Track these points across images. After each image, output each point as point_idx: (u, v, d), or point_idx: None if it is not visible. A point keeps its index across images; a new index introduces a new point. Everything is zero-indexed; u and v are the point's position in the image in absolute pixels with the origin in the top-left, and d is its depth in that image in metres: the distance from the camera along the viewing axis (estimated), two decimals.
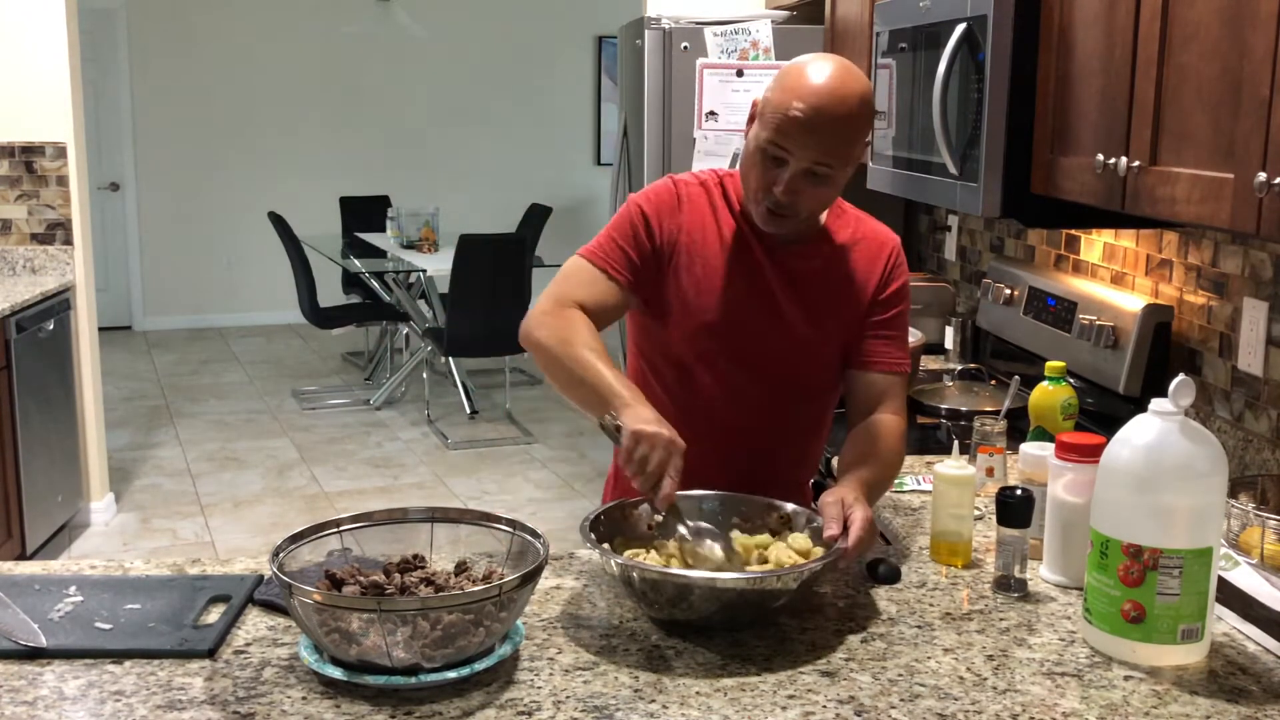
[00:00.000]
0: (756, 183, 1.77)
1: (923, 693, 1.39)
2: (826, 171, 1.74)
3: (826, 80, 1.70)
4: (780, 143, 1.72)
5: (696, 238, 1.87)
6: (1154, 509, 1.45)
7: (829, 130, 1.70)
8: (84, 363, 4.80)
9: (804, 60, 1.75)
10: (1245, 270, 2.23)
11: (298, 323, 8.29)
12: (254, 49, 8.92)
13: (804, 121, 1.69)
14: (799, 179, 1.73)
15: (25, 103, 4.65)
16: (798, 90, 1.70)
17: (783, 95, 1.71)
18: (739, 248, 1.87)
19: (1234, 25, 1.65)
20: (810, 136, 1.70)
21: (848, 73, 1.73)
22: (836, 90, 1.70)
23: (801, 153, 1.71)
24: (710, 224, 1.88)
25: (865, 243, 1.93)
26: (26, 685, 1.40)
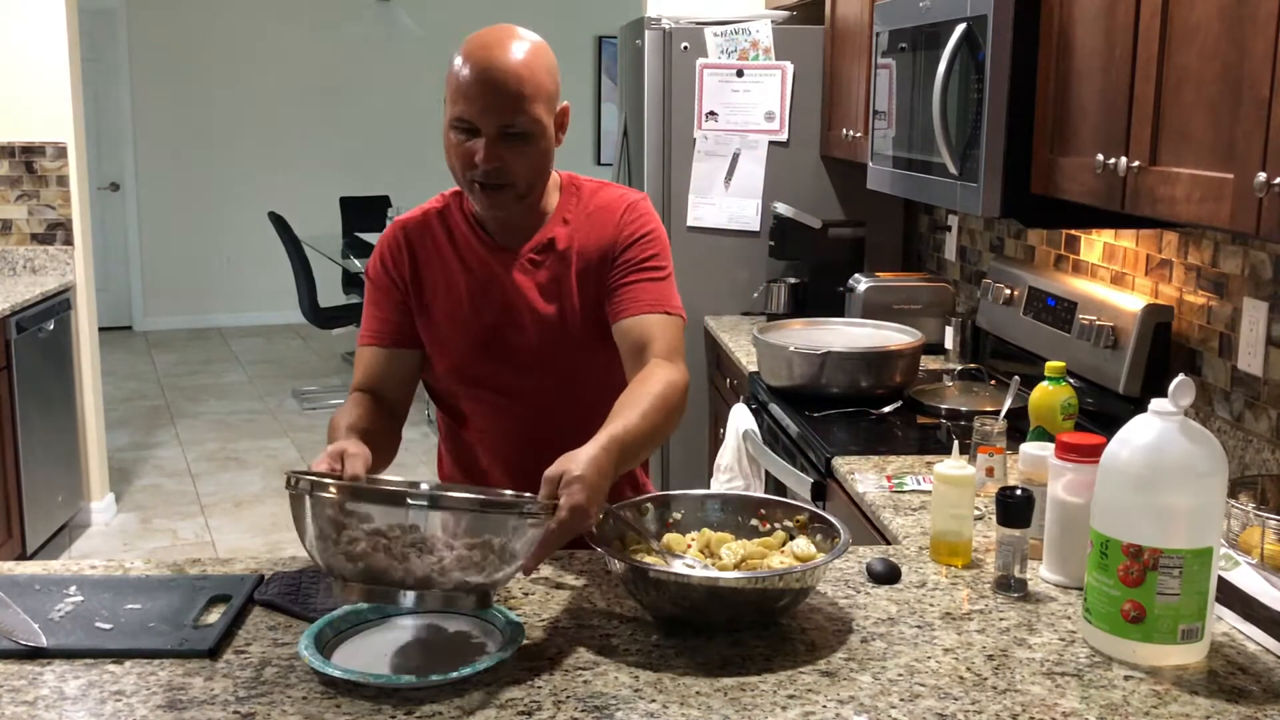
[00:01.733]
0: (460, 162, 1.74)
1: (923, 693, 1.40)
2: (520, 130, 1.71)
3: (488, 40, 1.72)
4: (463, 115, 1.70)
5: (431, 271, 1.87)
6: (1154, 509, 1.45)
7: (503, 87, 1.68)
8: (84, 363, 4.80)
9: (474, 34, 1.75)
10: (1245, 270, 2.23)
11: (298, 323, 8.29)
12: (254, 49, 8.93)
13: (476, 84, 1.69)
14: (496, 144, 1.70)
15: (25, 103, 4.65)
16: (466, 59, 1.70)
17: (455, 69, 1.71)
18: (476, 263, 1.86)
19: (1234, 25, 1.65)
20: (488, 98, 1.68)
21: (511, 32, 1.75)
22: (500, 46, 1.71)
23: (485, 117, 1.69)
24: (440, 252, 1.87)
25: (596, 214, 1.87)
26: (27, 685, 1.40)
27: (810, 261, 3.83)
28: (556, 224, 1.86)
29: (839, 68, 3.74)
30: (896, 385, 2.81)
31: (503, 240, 1.86)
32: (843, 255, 3.81)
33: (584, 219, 1.87)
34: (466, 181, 1.76)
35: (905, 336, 2.96)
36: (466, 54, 1.72)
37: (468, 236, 1.87)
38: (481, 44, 1.72)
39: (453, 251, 1.87)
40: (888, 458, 2.39)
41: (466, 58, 1.71)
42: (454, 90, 1.72)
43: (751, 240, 4.02)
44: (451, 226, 1.88)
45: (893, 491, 2.18)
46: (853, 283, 3.48)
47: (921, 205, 3.96)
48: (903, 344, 2.88)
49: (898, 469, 2.32)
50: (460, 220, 1.88)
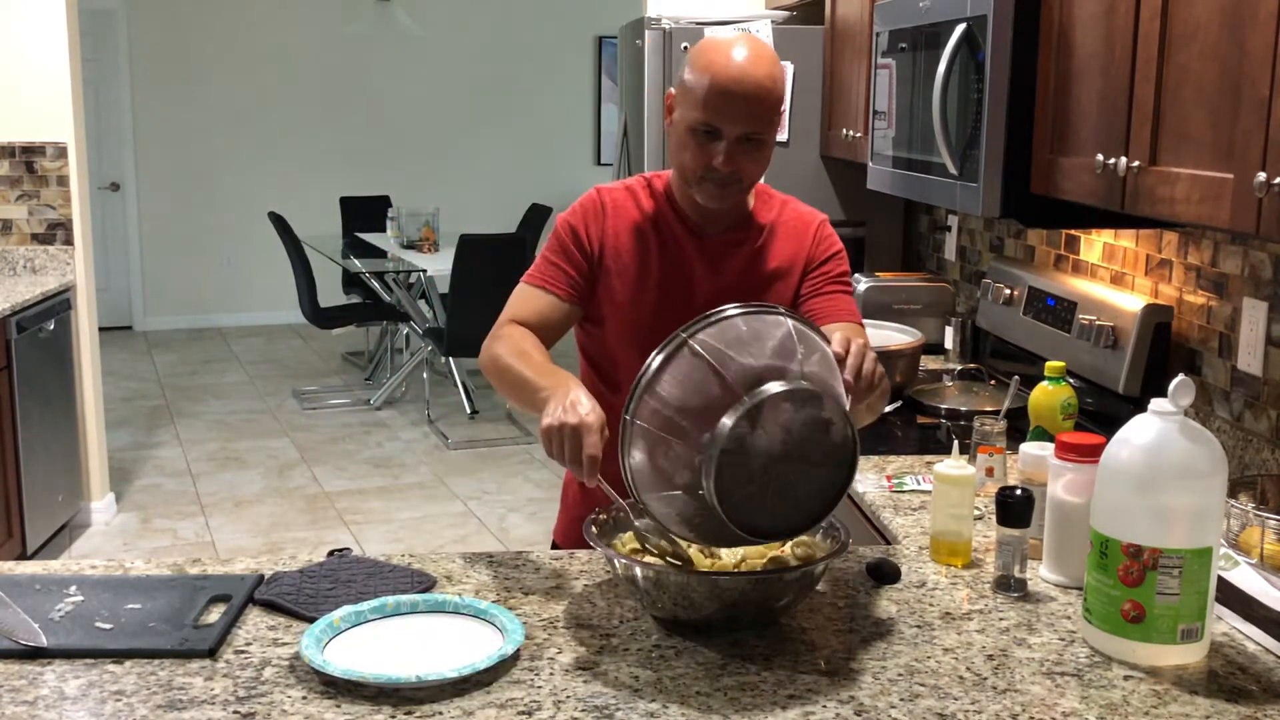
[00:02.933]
0: (694, 162, 1.84)
1: (923, 693, 1.40)
2: (759, 137, 1.83)
3: (738, 50, 1.81)
4: (710, 120, 1.80)
5: (624, 241, 1.95)
6: (1154, 509, 1.45)
7: (754, 96, 1.79)
8: (84, 363, 4.80)
9: (712, 40, 1.85)
10: (1245, 270, 2.23)
11: (298, 323, 8.30)
12: (254, 49, 8.93)
13: (728, 91, 1.79)
14: (735, 147, 1.82)
15: (25, 103, 4.65)
16: (718, 66, 1.80)
17: (703, 74, 1.80)
18: (667, 245, 1.95)
19: (1233, 25, 1.65)
20: (739, 105, 1.79)
21: (755, 41, 1.85)
22: (753, 57, 1.81)
23: (733, 123, 1.80)
24: (636, 226, 1.96)
25: (789, 223, 2.00)
26: (27, 685, 1.40)
27: None
28: (752, 223, 1.98)
29: (839, 68, 3.74)
30: (896, 385, 2.81)
31: (701, 227, 1.96)
32: None
33: (778, 224, 1.99)
34: (698, 178, 1.86)
35: (905, 336, 2.96)
36: (715, 63, 1.80)
37: (668, 218, 1.97)
38: (730, 55, 1.81)
39: (650, 227, 1.96)
40: (888, 457, 2.40)
41: (710, 67, 1.80)
42: (701, 96, 1.80)
43: None
44: (650, 206, 1.98)
45: (893, 491, 2.18)
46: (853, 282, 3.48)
47: (921, 205, 3.96)
48: (903, 344, 2.88)
49: (898, 469, 2.32)
50: (662, 202, 1.98)
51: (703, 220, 1.95)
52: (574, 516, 2.08)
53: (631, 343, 1.93)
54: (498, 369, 1.86)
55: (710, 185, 1.86)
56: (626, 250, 1.95)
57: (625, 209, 1.97)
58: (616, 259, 1.95)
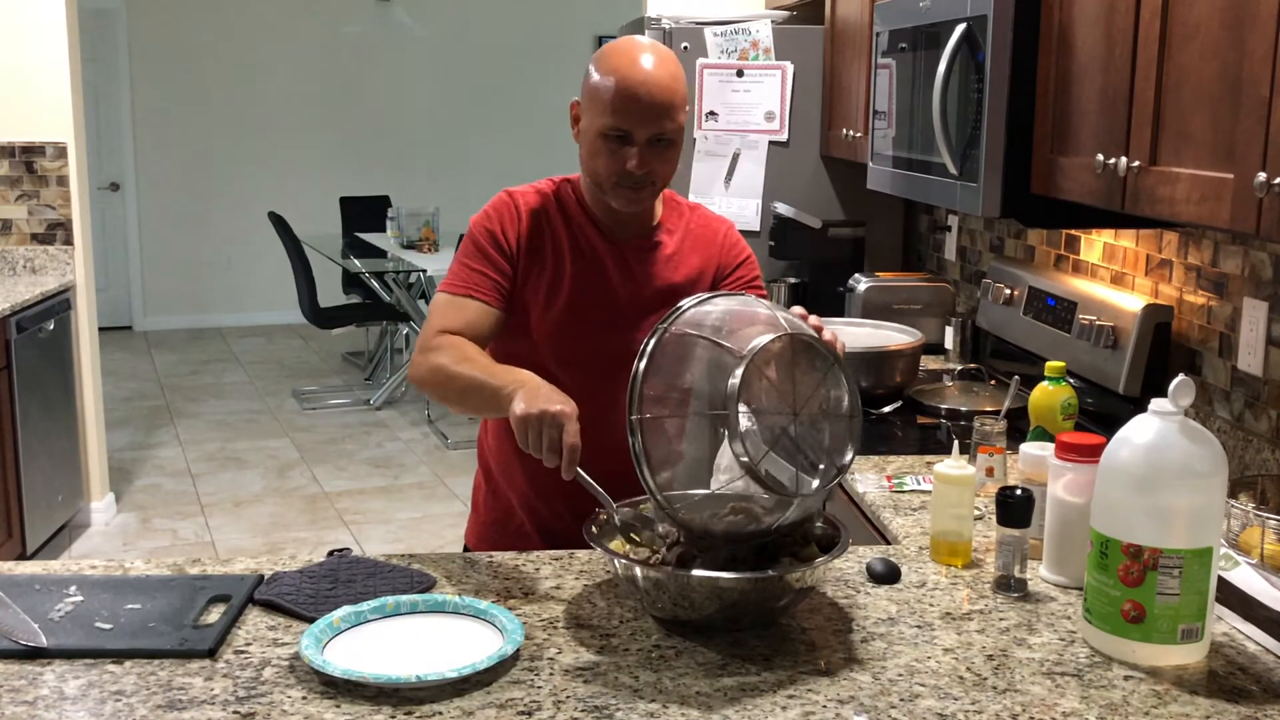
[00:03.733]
0: (607, 168, 1.86)
1: (923, 693, 1.40)
2: (668, 137, 1.85)
3: (644, 54, 1.84)
4: (620, 124, 1.82)
5: (538, 244, 1.95)
6: (1154, 509, 1.45)
7: (661, 98, 1.82)
8: (84, 363, 4.80)
9: (612, 46, 1.88)
10: (1245, 270, 2.23)
11: (298, 323, 8.29)
12: (254, 49, 8.93)
13: (637, 96, 1.81)
14: (646, 150, 1.84)
15: (25, 103, 4.65)
16: (623, 70, 1.83)
17: (608, 78, 1.83)
18: (581, 248, 1.96)
19: (1233, 25, 1.65)
20: (647, 107, 1.81)
21: (657, 45, 1.88)
22: (656, 60, 1.84)
23: (642, 126, 1.82)
24: (550, 229, 1.96)
25: (698, 230, 2.02)
26: (27, 685, 1.40)
27: (810, 261, 3.83)
28: (662, 229, 2.00)
29: (839, 68, 3.74)
30: (896, 385, 2.81)
31: (613, 233, 1.96)
32: (843, 255, 3.81)
33: (687, 231, 2.01)
34: (611, 183, 1.87)
35: (905, 336, 2.96)
36: (616, 68, 1.84)
37: (580, 221, 1.97)
38: (631, 59, 1.83)
39: (566, 232, 1.96)
40: (888, 458, 2.39)
41: (614, 71, 1.83)
42: (607, 102, 1.83)
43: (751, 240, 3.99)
44: (564, 209, 1.98)
45: (893, 491, 2.18)
46: (853, 283, 3.48)
47: (921, 205, 3.96)
48: (903, 344, 2.88)
49: (898, 469, 2.32)
50: (573, 205, 1.98)
51: (614, 225, 1.96)
52: (485, 520, 2.09)
53: (547, 346, 1.94)
54: (444, 377, 1.80)
55: (625, 190, 1.87)
56: (540, 253, 1.94)
57: (538, 212, 1.96)
58: (531, 262, 1.94)
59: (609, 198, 1.90)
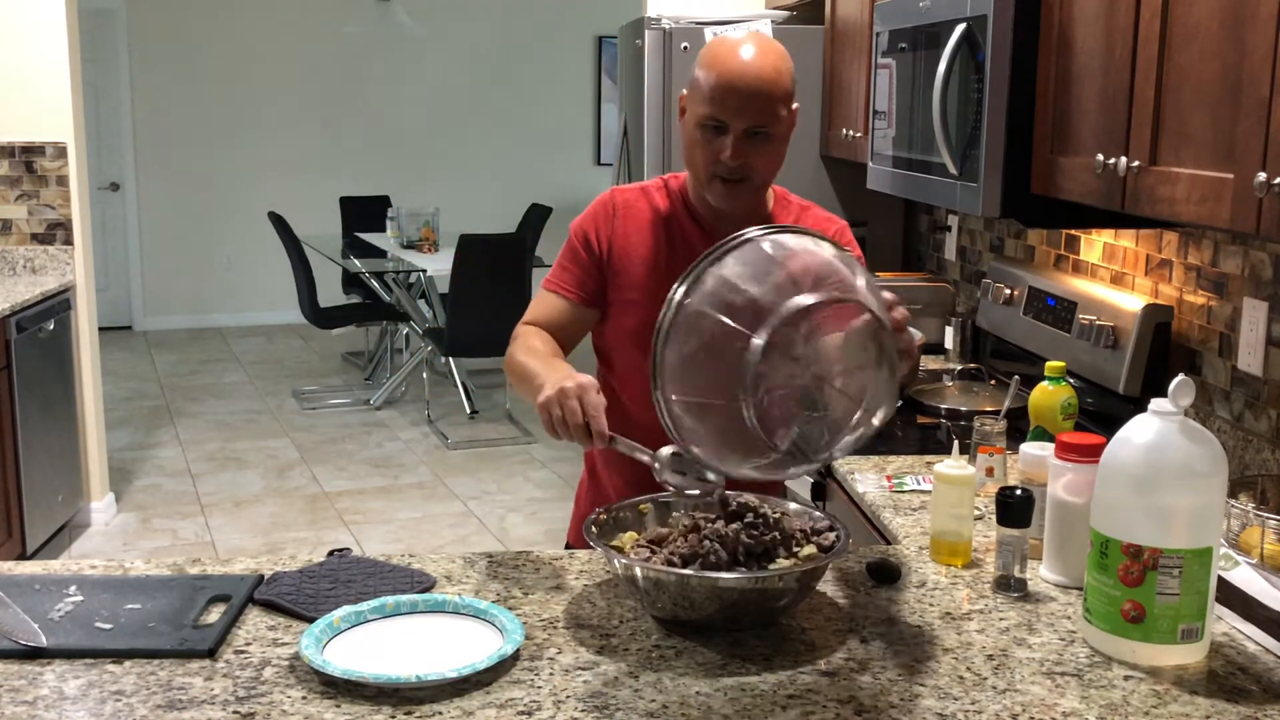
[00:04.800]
0: (703, 159, 1.86)
1: (923, 693, 1.40)
2: (765, 131, 1.84)
3: (745, 45, 1.83)
4: (716, 114, 1.82)
5: (634, 241, 1.96)
6: (1154, 509, 1.45)
7: (758, 89, 1.81)
8: (84, 363, 4.80)
9: (719, 39, 1.87)
10: (1245, 270, 2.23)
11: (298, 323, 8.29)
12: (254, 49, 8.92)
13: (734, 86, 1.81)
14: (742, 141, 1.83)
15: (25, 103, 4.65)
16: (722, 61, 1.83)
17: (709, 70, 1.83)
18: (677, 244, 1.96)
19: (1234, 25, 1.65)
20: (743, 99, 1.81)
21: (763, 38, 1.87)
22: (758, 51, 1.83)
23: (738, 116, 1.82)
24: (648, 226, 1.97)
25: (811, 221, 1.98)
26: (27, 685, 1.40)
27: None
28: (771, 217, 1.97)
29: (839, 68, 3.74)
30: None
31: (714, 228, 1.93)
32: None
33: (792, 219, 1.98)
34: (708, 175, 1.87)
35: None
36: (719, 56, 1.83)
37: (682, 220, 1.98)
38: (735, 49, 1.83)
39: (662, 228, 1.97)
40: (888, 458, 2.39)
41: (720, 60, 1.83)
42: (707, 90, 1.83)
43: None
44: (664, 206, 1.99)
45: (893, 491, 2.18)
46: None
47: (921, 205, 3.96)
48: None
49: (898, 469, 2.32)
50: (678, 204, 1.99)
51: (716, 221, 1.95)
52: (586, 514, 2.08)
53: (638, 341, 1.93)
54: (510, 365, 1.92)
55: (719, 184, 1.87)
56: (636, 250, 1.96)
57: (637, 209, 1.98)
58: (626, 258, 1.96)
59: (706, 192, 1.90)
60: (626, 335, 1.98)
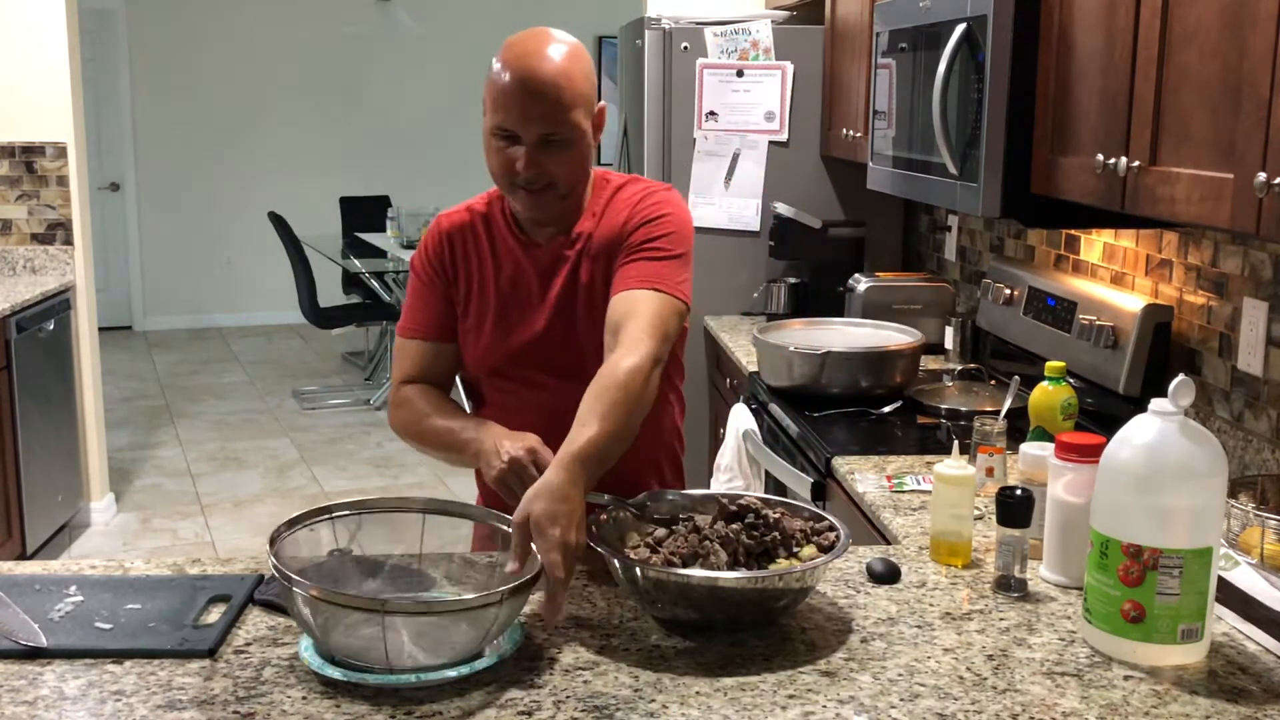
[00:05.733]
0: (499, 168, 1.78)
1: (923, 693, 1.40)
2: (557, 137, 1.73)
3: (525, 48, 1.73)
4: (504, 122, 1.73)
5: (470, 266, 1.90)
6: (1154, 509, 1.45)
7: (539, 94, 1.71)
8: (84, 363, 4.80)
9: (509, 39, 1.77)
10: (1245, 270, 2.23)
11: (298, 323, 8.28)
12: (254, 49, 8.92)
13: (516, 94, 1.71)
14: (536, 150, 1.73)
15: (25, 103, 4.65)
16: (509, 66, 1.72)
17: (492, 78, 1.74)
18: (508, 259, 1.89)
19: (1234, 25, 1.65)
20: (527, 105, 1.71)
21: (548, 38, 1.75)
22: (534, 54, 1.72)
23: (526, 124, 1.72)
24: (476, 245, 1.91)
25: (618, 202, 1.88)
26: (27, 685, 1.40)
27: (810, 261, 3.82)
28: (585, 219, 1.88)
29: (839, 68, 3.74)
30: (896, 385, 2.81)
31: (536, 237, 1.89)
32: (843, 255, 3.81)
33: (606, 211, 1.88)
34: (509, 185, 1.80)
35: (905, 336, 2.96)
36: (505, 62, 1.74)
37: (504, 234, 1.90)
38: (520, 52, 1.73)
39: (489, 248, 1.91)
40: (888, 458, 2.39)
41: (505, 66, 1.73)
42: (494, 98, 1.74)
43: (751, 240, 4.02)
44: (490, 224, 1.92)
45: (893, 491, 2.18)
46: (853, 283, 3.48)
47: (921, 205, 3.96)
48: (903, 344, 2.88)
49: (898, 469, 2.32)
50: (499, 217, 1.91)
51: (533, 229, 1.88)
52: None
53: (484, 363, 1.92)
54: (416, 436, 1.89)
55: (522, 193, 1.78)
56: (472, 273, 1.90)
57: (464, 230, 1.92)
58: (466, 284, 1.91)
59: (512, 200, 1.84)
60: (474, 363, 1.92)
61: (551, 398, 1.86)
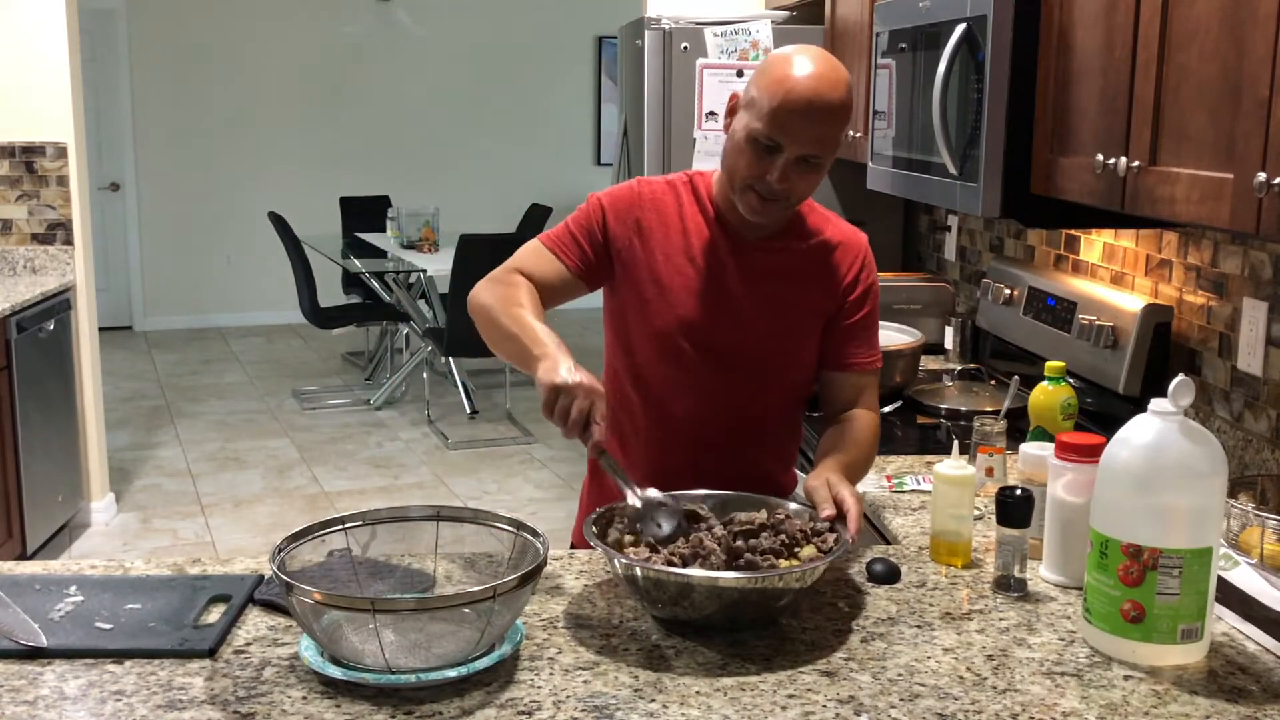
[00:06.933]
0: (747, 171, 1.80)
1: (923, 693, 1.40)
2: (817, 159, 1.79)
3: (815, 70, 1.76)
4: (773, 134, 1.75)
5: (658, 237, 1.91)
6: (1154, 509, 1.45)
7: (821, 118, 1.75)
8: (84, 363, 4.80)
9: (789, 52, 1.80)
10: (1245, 270, 2.23)
11: (298, 323, 8.29)
12: (254, 49, 8.92)
13: (798, 111, 1.74)
14: (791, 166, 1.77)
15: (25, 103, 4.65)
16: (789, 81, 1.75)
17: (774, 86, 1.75)
18: (704, 246, 1.91)
19: (1234, 25, 1.65)
20: (804, 126, 1.75)
21: (832, 63, 1.79)
22: (825, 78, 1.76)
23: (795, 142, 1.76)
24: (674, 223, 1.92)
25: (834, 242, 1.96)
26: (27, 685, 1.40)
27: None
28: (794, 235, 1.93)
29: None
30: (896, 385, 2.81)
31: (739, 232, 1.91)
32: None
33: (821, 244, 1.94)
34: (744, 185, 1.81)
35: (905, 336, 2.96)
36: (793, 78, 1.75)
37: (706, 221, 1.92)
38: (815, 73, 1.75)
39: (680, 226, 1.92)
40: (888, 458, 2.39)
41: (793, 81, 1.74)
42: (771, 108, 1.75)
43: None
44: (689, 205, 1.93)
45: (893, 491, 2.18)
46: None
47: (921, 205, 3.96)
48: (903, 344, 2.88)
49: (898, 469, 2.32)
50: (703, 202, 1.93)
51: (741, 226, 1.91)
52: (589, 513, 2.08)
53: (659, 340, 1.92)
54: (495, 313, 1.83)
55: (754, 196, 1.81)
56: (661, 247, 1.91)
57: (663, 205, 1.93)
58: (648, 254, 1.91)
59: (737, 199, 1.84)
60: (649, 336, 1.93)
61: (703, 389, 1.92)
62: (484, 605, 1.40)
